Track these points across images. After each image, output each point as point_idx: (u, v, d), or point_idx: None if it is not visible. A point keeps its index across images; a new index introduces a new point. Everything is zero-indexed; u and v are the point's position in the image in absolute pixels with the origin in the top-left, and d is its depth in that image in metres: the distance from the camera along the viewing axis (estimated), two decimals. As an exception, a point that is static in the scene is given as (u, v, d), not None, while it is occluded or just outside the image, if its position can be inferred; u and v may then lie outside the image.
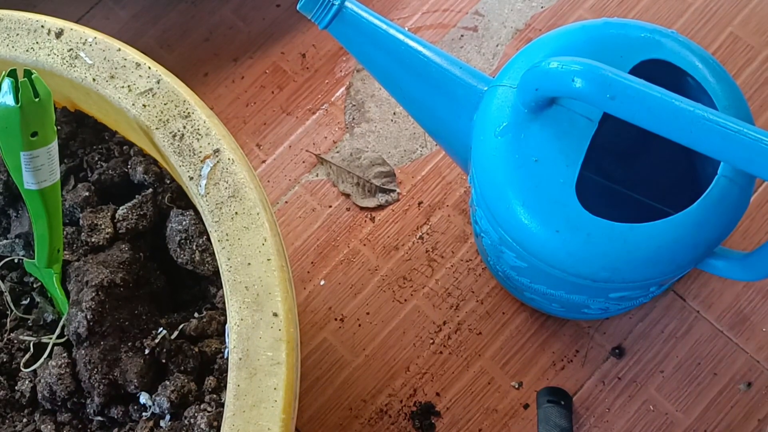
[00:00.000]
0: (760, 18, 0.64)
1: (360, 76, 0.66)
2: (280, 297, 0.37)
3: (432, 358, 0.58)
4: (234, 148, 0.41)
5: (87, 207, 0.46)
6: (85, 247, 0.45)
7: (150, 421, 0.41)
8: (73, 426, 0.43)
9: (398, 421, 0.56)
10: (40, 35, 0.44)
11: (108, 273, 0.43)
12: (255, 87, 0.67)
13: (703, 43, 0.64)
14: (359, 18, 0.45)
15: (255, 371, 0.36)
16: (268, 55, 0.68)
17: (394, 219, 0.62)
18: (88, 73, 0.43)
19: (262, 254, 0.38)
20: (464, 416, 0.56)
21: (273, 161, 0.64)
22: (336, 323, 0.59)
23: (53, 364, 0.43)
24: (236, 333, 0.37)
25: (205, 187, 0.40)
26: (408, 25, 0.67)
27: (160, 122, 0.41)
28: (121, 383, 0.42)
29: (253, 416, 0.35)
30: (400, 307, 0.59)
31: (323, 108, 0.66)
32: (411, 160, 0.63)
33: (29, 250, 0.47)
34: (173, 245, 0.44)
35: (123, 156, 0.48)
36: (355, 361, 0.58)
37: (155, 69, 0.43)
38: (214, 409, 0.40)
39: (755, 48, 0.63)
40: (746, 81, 0.62)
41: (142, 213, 0.45)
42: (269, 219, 0.39)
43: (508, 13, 0.67)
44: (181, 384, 0.41)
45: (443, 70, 0.46)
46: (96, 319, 0.41)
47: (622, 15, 0.66)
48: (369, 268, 0.60)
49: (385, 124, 0.64)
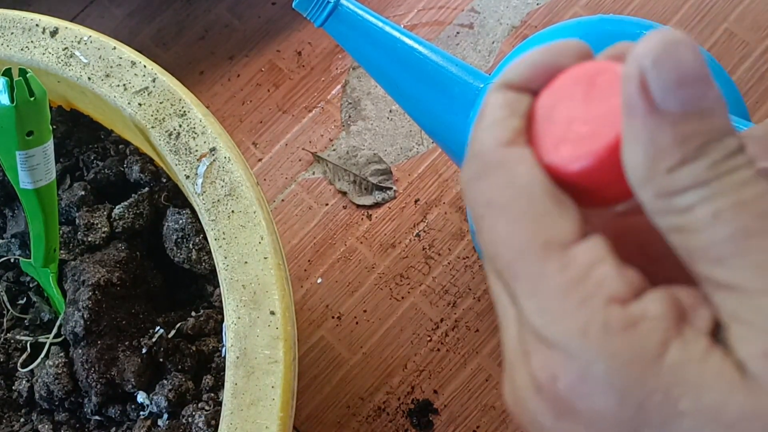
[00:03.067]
0: (755, 14, 0.64)
1: (356, 73, 0.66)
2: (277, 295, 0.37)
3: (429, 356, 0.58)
4: (230, 146, 0.41)
5: (83, 206, 0.46)
6: (81, 247, 0.45)
7: (148, 420, 0.41)
8: (70, 425, 0.43)
9: (396, 418, 0.56)
10: (34, 34, 0.44)
11: (104, 272, 0.42)
12: (251, 85, 0.67)
13: (698, 40, 0.64)
14: (355, 15, 0.45)
15: (252, 369, 0.36)
16: (263, 53, 0.68)
17: (391, 217, 0.62)
18: (83, 72, 0.43)
19: (258, 252, 0.38)
20: (462, 413, 0.56)
21: (269, 159, 0.64)
22: (333, 321, 0.59)
23: (50, 363, 0.42)
24: (233, 331, 0.37)
25: (201, 185, 0.40)
26: (404, 23, 0.67)
27: (156, 121, 0.41)
28: (119, 382, 0.42)
29: (251, 414, 0.35)
30: (397, 304, 0.59)
31: (319, 106, 0.65)
32: (407, 157, 0.63)
33: (25, 250, 0.47)
34: (170, 244, 0.44)
35: (119, 155, 0.48)
36: (352, 359, 0.58)
37: (150, 67, 0.42)
38: (212, 407, 0.40)
39: (750, 44, 0.63)
40: (742, 77, 0.62)
41: (138, 212, 0.45)
42: (266, 217, 0.39)
43: (504, 10, 0.66)
44: (179, 383, 0.41)
45: (439, 67, 0.46)
46: (93, 319, 0.41)
47: (618, 11, 0.66)
48: (366, 265, 0.60)
49: (382, 122, 0.64)
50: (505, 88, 0.21)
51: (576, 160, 0.19)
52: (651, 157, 0.18)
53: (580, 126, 0.20)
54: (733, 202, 0.17)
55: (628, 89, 0.18)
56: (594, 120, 0.19)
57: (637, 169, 0.18)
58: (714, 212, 0.17)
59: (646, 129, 0.18)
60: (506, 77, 0.21)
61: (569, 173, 0.20)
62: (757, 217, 0.17)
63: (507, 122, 0.20)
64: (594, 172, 0.19)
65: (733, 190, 0.17)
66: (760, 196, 0.17)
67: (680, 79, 0.17)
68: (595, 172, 0.19)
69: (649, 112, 0.18)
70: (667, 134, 0.18)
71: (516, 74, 0.21)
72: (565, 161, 0.20)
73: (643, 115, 0.18)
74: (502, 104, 0.21)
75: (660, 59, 0.17)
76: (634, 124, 0.18)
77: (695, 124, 0.17)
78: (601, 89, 0.20)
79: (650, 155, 0.18)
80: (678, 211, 0.18)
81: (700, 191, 0.17)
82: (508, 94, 0.21)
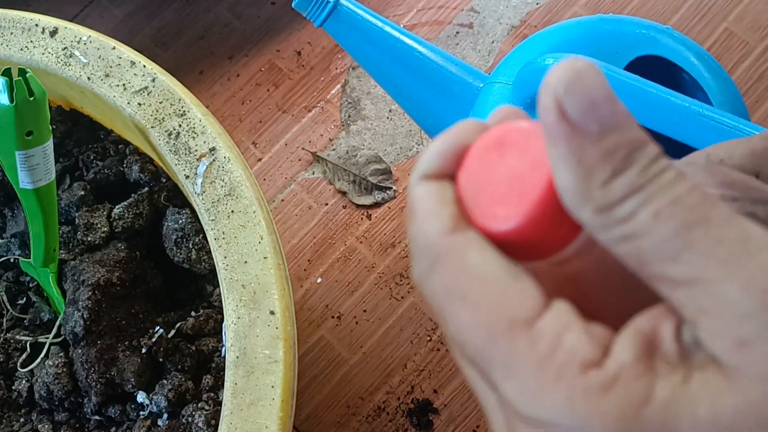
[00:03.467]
0: (754, 14, 0.64)
1: (356, 73, 0.66)
2: (277, 295, 0.37)
3: (429, 355, 0.58)
4: (230, 146, 0.41)
5: (83, 206, 0.46)
6: (81, 246, 0.45)
7: (147, 420, 0.41)
8: (70, 425, 0.43)
9: (396, 418, 0.56)
10: (34, 34, 0.44)
11: (104, 272, 0.42)
12: (250, 85, 0.67)
13: (698, 39, 0.64)
14: (354, 15, 0.45)
15: (252, 369, 0.36)
16: (263, 52, 0.68)
17: (391, 216, 0.62)
18: (82, 72, 0.43)
19: (258, 252, 0.38)
20: (462, 413, 0.56)
21: (269, 159, 0.64)
22: (333, 321, 0.59)
23: (50, 363, 0.42)
24: (233, 331, 0.37)
25: (201, 185, 0.40)
26: (403, 23, 0.67)
27: (156, 121, 0.41)
28: (119, 382, 0.42)
29: (251, 414, 0.35)
30: (397, 304, 0.59)
31: (319, 106, 0.65)
32: (407, 157, 0.63)
33: (25, 250, 0.47)
34: (169, 244, 0.44)
35: (118, 155, 0.48)
36: (352, 359, 0.58)
37: (150, 67, 0.42)
38: (212, 407, 0.40)
39: (750, 44, 0.63)
40: (741, 77, 0.62)
41: (138, 212, 0.45)
42: (265, 217, 0.39)
43: (504, 10, 0.66)
44: (179, 382, 0.41)
45: (439, 67, 0.46)
46: (92, 318, 0.41)
47: (617, 11, 0.66)
48: (366, 265, 0.60)
49: (381, 122, 0.64)
50: (425, 180, 0.22)
51: (514, 216, 0.20)
52: (582, 177, 0.18)
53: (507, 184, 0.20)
54: (668, 200, 0.18)
55: (548, 119, 0.19)
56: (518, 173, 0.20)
57: (571, 192, 0.19)
58: (654, 213, 0.18)
59: (572, 152, 0.18)
60: (421, 170, 0.22)
61: (511, 232, 0.20)
62: (692, 209, 0.18)
63: (442, 210, 0.21)
64: (534, 219, 0.20)
65: (666, 189, 0.18)
66: (690, 190, 0.18)
67: (593, 101, 0.18)
68: (535, 220, 0.20)
69: (571, 136, 0.18)
70: (593, 152, 0.18)
71: (429, 165, 0.22)
72: (504, 221, 0.20)
73: (566, 140, 0.18)
74: (430, 195, 0.21)
75: (571, 86, 0.18)
76: (560, 150, 0.19)
77: (616, 138, 0.18)
78: (512, 147, 0.20)
79: (581, 175, 0.18)
80: (620, 221, 0.18)
81: (637, 197, 0.18)
82: (431, 185, 0.21)
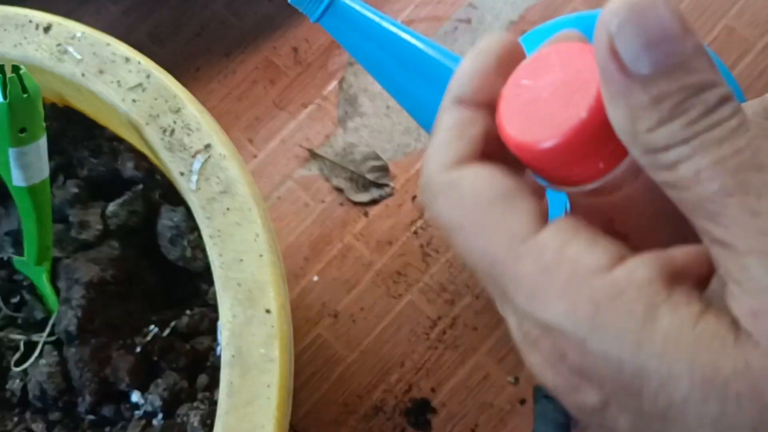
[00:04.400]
0: (754, 10, 0.64)
1: (353, 70, 0.66)
2: (273, 293, 0.37)
3: (427, 354, 0.58)
4: (226, 143, 0.41)
5: (77, 204, 0.46)
6: (75, 244, 0.45)
7: (142, 419, 0.41)
8: (64, 425, 0.43)
9: (393, 417, 0.56)
10: (28, 30, 0.44)
11: (98, 270, 0.42)
12: (247, 82, 0.67)
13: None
14: (352, 10, 0.45)
15: (248, 368, 0.36)
16: (260, 49, 0.67)
17: (388, 214, 0.61)
18: (76, 69, 0.42)
19: (254, 250, 0.38)
20: (460, 412, 0.56)
21: (265, 156, 0.64)
22: (330, 319, 0.59)
23: (44, 362, 0.42)
24: (228, 330, 0.36)
25: (196, 182, 0.40)
26: (401, 18, 0.67)
27: (150, 117, 0.41)
28: (113, 381, 0.41)
29: (247, 414, 0.35)
30: (394, 302, 0.59)
31: (316, 102, 0.65)
32: (405, 154, 0.63)
33: (18, 248, 0.47)
34: (164, 242, 0.44)
35: (113, 152, 0.48)
36: (349, 357, 0.58)
37: (145, 64, 0.42)
38: (207, 407, 0.40)
39: (750, 40, 0.63)
40: (741, 73, 0.62)
41: (132, 209, 0.45)
42: (261, 215, 0.39)
43: (502, 6, 0.66)
44: (174, 382, 0.41)
45: (437, 63, 0.46)
46: (86, 317, 0.41)
47: (617, 7, 0.65)
48: (363, 263, 0.60)
49: (379, 119, 0.64)
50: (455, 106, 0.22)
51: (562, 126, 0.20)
52: (630, 119, 0.18)
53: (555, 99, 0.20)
54: (711, 161, 0.17)
55: (600, 55, 0.18)
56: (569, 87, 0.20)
57: (621, 128, 0.19)
58: (695, 170, 0.18)
59: (621, 92, 0.18)
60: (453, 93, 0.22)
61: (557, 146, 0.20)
62: (734, 174, 0.17)
63: (450, 146, 0.21)
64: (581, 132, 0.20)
65: (712, 147, 0.17)
66: (737, 151, 0.17)
67: (647, 41, 0.18)
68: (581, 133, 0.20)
69: (622, 75, 0.18)
70: (641, 96, 0.18)
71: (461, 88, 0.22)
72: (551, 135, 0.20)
73: (617, 79, 0.18)
74: (447, 127, 0.22)
75: (624, 23, 0.18)
76: (611, 87, 0.18)
77: (667, 84, 0.18)
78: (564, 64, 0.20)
79: (629, 116, 0.18)
80: (665, 167, 0.18)
81: (680, 149, 0.18)
82: (455, 115, 0.22)
